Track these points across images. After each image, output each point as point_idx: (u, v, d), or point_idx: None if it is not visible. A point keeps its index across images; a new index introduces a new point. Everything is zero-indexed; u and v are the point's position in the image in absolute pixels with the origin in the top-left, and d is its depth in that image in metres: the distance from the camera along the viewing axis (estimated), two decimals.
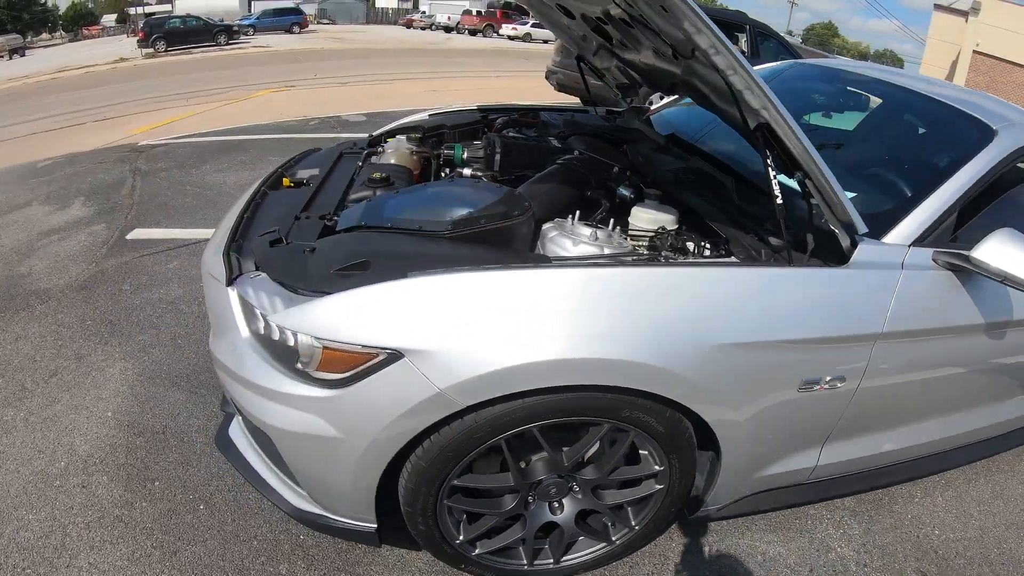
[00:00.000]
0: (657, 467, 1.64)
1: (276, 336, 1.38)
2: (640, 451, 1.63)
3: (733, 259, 1.62)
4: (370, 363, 1.28)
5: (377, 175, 1.99)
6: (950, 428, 2.04)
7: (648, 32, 1.78)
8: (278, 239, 1.62)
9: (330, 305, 1.32)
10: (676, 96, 3.15)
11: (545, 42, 31.45)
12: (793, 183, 1.94)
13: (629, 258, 1.63)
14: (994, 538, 2.14)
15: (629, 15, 1.74)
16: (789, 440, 1.74)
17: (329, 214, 1.78)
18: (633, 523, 1.76)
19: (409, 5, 49.76)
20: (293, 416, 1.38)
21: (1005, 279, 1.54)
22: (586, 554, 1.76)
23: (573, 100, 8.00)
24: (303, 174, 2.22)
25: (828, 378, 1.61)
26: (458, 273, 1.32)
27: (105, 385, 2.57)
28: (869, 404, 1.73)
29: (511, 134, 2.66)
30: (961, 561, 2.04)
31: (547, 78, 8.31)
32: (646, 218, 1.82)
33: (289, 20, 29.69)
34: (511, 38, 30.48)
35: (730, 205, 1.85)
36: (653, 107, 3.24)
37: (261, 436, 1.53)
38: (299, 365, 1.35)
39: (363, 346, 1.28)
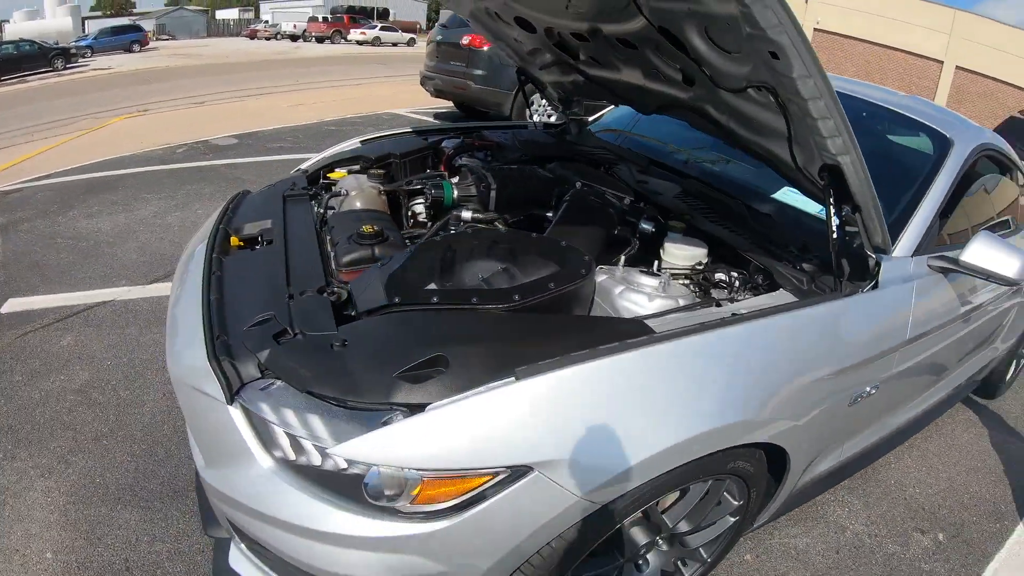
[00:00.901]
0: (736, 502, 1.66)
1: (334, 467, 1.13)
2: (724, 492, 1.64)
3: (785, 294, 1.65)
4: (489, 484, 1.10)
5: (368, 229, 1.72)
6: (925, 400, 2.32)
7: (660, 56, 1.74)
8: (282, 330, 1.29)
9: (429, 427, 1.08)
10: (611, 107, 3.21)
11: (394, 45, 31.18)
12: (799, 204, 2.03)
13: (705, 309, 1.57)
14: (961, 484, 2.49)
15: (644, 39, 1.69)
16: (831, 445, 1.85)
17: (329, 288, 1.47)
18: (706, 557, 1.77)
19: (250, 15, 48.50)
20: (374, 560, 1.13)
21: (989, 276, 1.76)
22: None
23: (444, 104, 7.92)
24: (250, 228, 1.88)
25: (868, 389, 1.74)
26: (575, 366, 1.15)
27: (31, 516, 2.05)
28: (884, 399, 1.90)
29: (468, 160, 2.53)
30: (945, 511, 2.35)
31: (422, 84, 8.02)
32: (682, 255, 1.81)
33: (128, 38, 27.24)
34: (359, 43, 30.85)
35: (749, 231, 1.89)
36: (591, 118, 3.25)
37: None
38: (383, 502, 1.11)
39: (481, 468, 1.10)
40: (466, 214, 2.01)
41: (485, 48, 7.08)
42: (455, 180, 2.20)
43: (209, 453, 1.32)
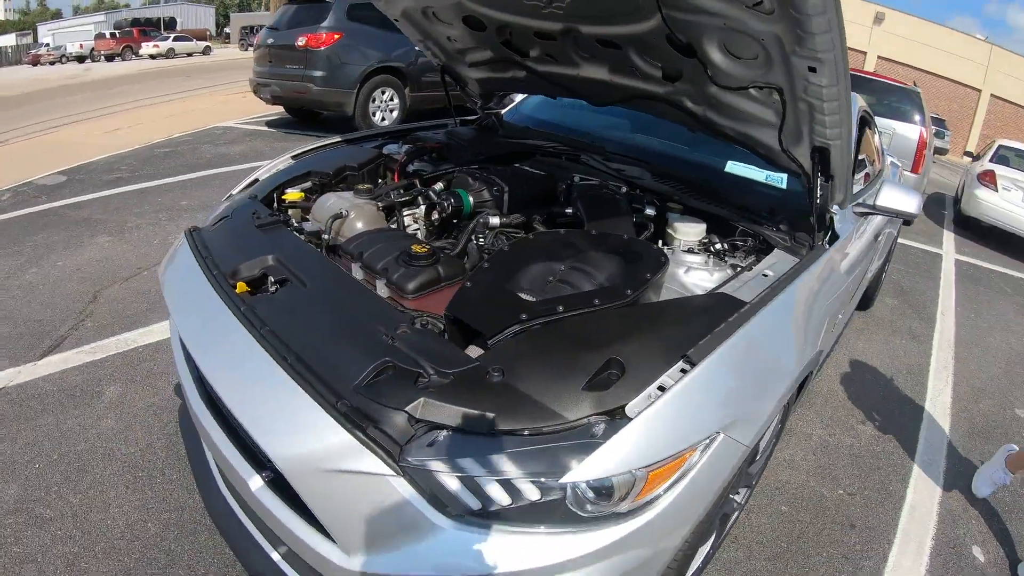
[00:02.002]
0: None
1: (536, 499, 1.09)
2: None
3: (780, 252, 1.87)
4: (691, 458, 1.20)
5: (420, 249, 1.63)
6: (848, 314, 2.84)
7: (643, 56, 1.90)
8: (416, 375, 1.18)
9: (646, 426, 1.12)
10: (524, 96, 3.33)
11: (189, 55, 28.45)
12: (753, 175, 2.36)
13: (745, 274, 1.73)
14: (872, 379, 3.14)
15: (627, 40, 1.84)
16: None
17: (421, 319, 1.42)
18: (753, 480, 2.06)
19: (28, 39, 42.42)
20: (595, 573, 1.13)
21: (898, 214, 2.24)
22: None
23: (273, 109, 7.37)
24: (248, 269, 1.65)
25: (840, 311, 2.15)
26: (730, 338, 1.29)
27: None
28: (842, 317, 2.34)
29: (420, 164, 2.51)
30: (872, 402, 2.94)
31: (256, 92, 7.34)
32: (691, 232, 1.99)
33: None
34: (153, 57, 28.24)
35: (726, 204, 2.12)
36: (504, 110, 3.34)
37: None
38: (606, 510, 1.13)
39: (687, 448, 1.18)
40: (493, 220, 1.96)
41: (323, 48, 6.75)
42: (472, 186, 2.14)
43: (358, 539, 1.12)
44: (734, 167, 2.42)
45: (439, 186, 2.22)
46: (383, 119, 7.28)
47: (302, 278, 1.55)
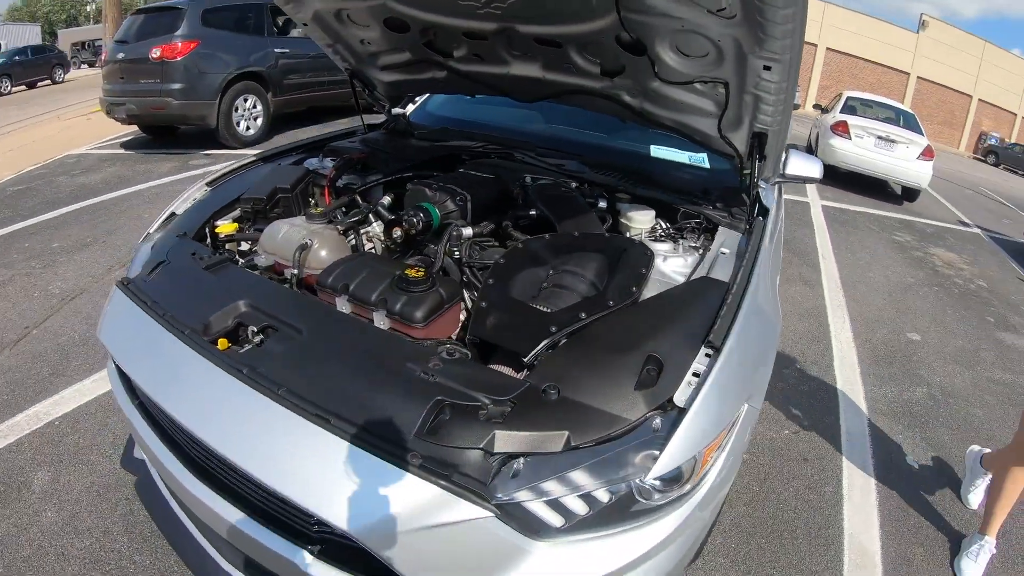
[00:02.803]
0: None
1: (608, 500, 1.14)
2: None
3: (724, 230, 1.96)
4: (733, 429, 1.31)
5: (414, 273, 1.50)
6: None
7: (583, 53, 1.94)
8: (474, 408, 1.14)
9: (699, 414, 1.18)
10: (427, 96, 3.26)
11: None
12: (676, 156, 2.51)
13: (708, 254, 1.82)
14: (792, 326, 3.45)
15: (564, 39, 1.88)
16: None
17: (446, 347, 1.35)
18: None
19: None
20: (674, 549, 1.24)
21: (806, 180, 2.51)
22: None
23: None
24: (219, 321, 1.46)
25: (777, 278, 2.36)
26: (741, 319, 1.38)
27: None
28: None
29: (348, 178, 2.39)
30: (798, 359, 3.25)
31: (108, 113, 6.51)
32: (644, 219, 2.03)
33: None
34: None
35: (663, 187, 2.21)
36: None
37: None
38: (672, 495, 1.20)
39: (729, 420, 1.28)
40: (466, 230, 1.87)
41: (179, 59, 6.19)
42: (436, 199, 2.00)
43: None
44: (659, 151, 2.56)
45: (386, 200, 2.11)
46: (248, 128, 6.88)
47: (291, 324, 1.40)
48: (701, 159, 2.45)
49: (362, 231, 2.05)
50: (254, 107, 6.91)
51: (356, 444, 1.10)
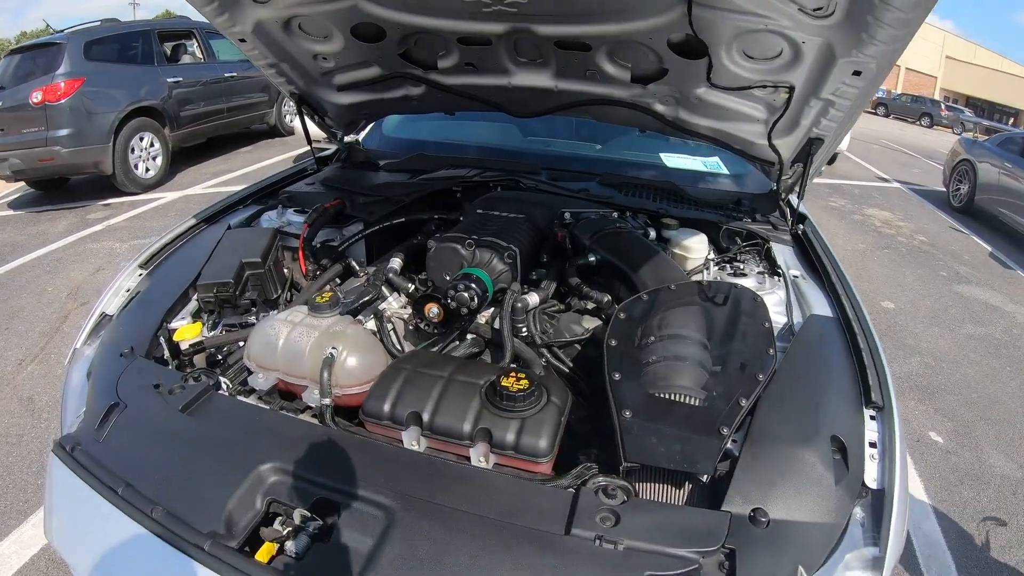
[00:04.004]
0: None
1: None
2: None
3: (778, 245, 1.77)
4: None
5: (514, 383, 1.13)
6: None
7: (613, 58, 1.67)
8: (698, 567, 0.90)
9: (900, 490, 1.05)
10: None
11: None
12: (696, 165, 2.32)
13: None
14: None
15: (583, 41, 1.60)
16: None
17: (608, 491, 0.99)
18: None
19: None
20: None
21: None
22: None
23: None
24: (244, 509, 0.99)
25: None
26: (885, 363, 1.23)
27: None
28: None
29: (329, 233, 2.00)
30: None
31: None
32: (699, 247, 1.76)
33: None
34: None
35: (699, 203, 1.96)
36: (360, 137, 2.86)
37: None
38: None
39: None
40: (532, 298, 1.45)
41: (64, 100, 5.46)
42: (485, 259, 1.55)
43: None
44: (670, 159, 2.31)
45: (396, 264, 1.65)
46: (147, 170, 6.17)
47: (359, 491, 0.97)
48: (716, 164, 2.25)
49: (381, 310, 1.58)
50: (151, 145, 6.20)
51: None
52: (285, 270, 1.78)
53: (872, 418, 1.10)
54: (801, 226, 1.79)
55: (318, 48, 1.88)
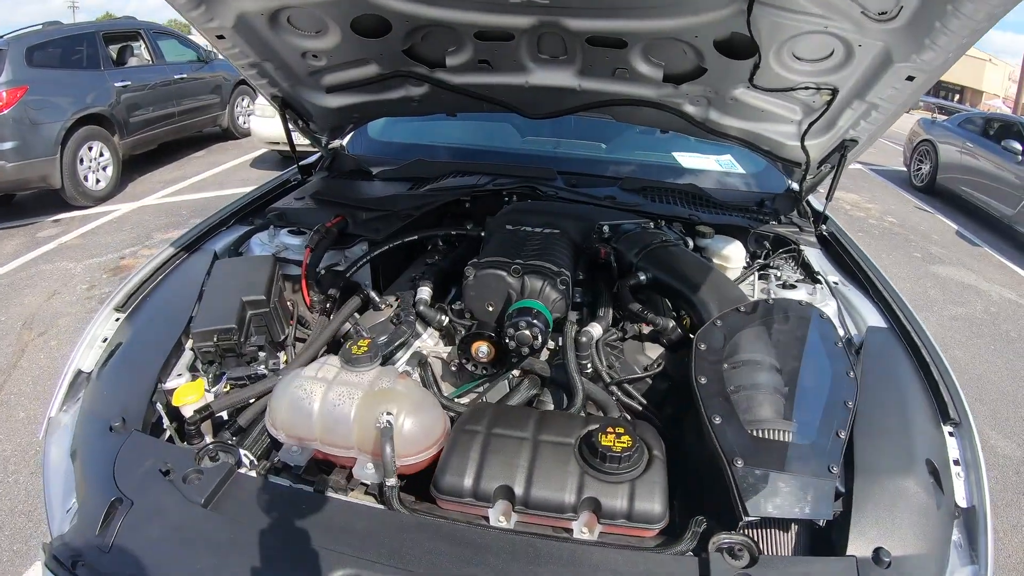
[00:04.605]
0: None
1: None
2: None
3: (811, 248, 1.71)
4: None
5: (614, 440, 1.01)
6: None
7: (647, 56, 1.56)
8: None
9: (988, 506, 1.05)
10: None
11: None
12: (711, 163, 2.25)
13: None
14: None
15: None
16: None
17: (735, 550, 0.90)
18: None
19: None
20: None
21: None
22: None
23: None
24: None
25: None
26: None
27: None
28: None
29: (333, 260, 1.77)
30: None
31: None
32: (737, 255, 1.66)
33: None
34: None
35: (725, 208, 1.89)
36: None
37: None
38: None
39: None
40: (595, 329, 1.31)
41: (6, 111, 5.08)
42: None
43: None
44: (684, 158, 2.22)
45: (425, 294, 1.46)
46: (98, 181, 5.80)
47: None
48: (730, 163, 2.18)
49: (417, 349, 1.40)
50: (101, 155, 5.82)
51: None
52: (288, 303, 1.57)
53: (951, 435, 1.07)
54: (823, 227, 1.75)
55: (309, 44, 1.69)
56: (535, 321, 1.23)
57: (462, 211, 1.84)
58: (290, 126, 2.01)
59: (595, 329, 1.30)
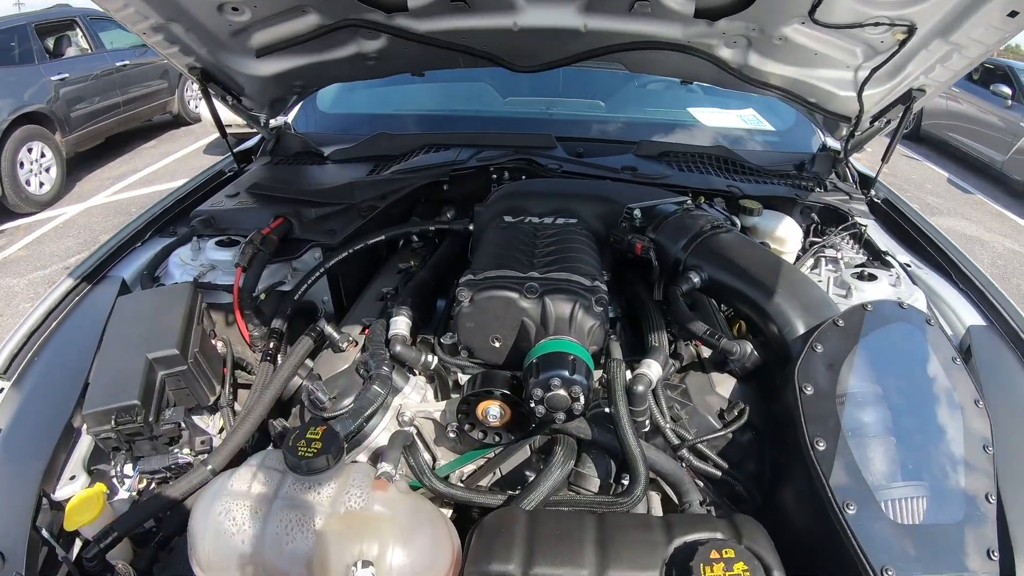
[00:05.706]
0: None
1: None
2: None
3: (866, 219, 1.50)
4: None
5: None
6: None
7: None
8: None
9: None
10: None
11: None
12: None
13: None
14: None
15: None
16: None
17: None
18: None
19: None
20: None
21: None
22: None
23: None
24: None
25: None
26: None
27: None
28: None
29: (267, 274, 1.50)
30: None
31: None
32: (793, 236, 1.41)
33: None
34: None
35: (762, 174, 1.65)
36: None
37: None
38: None
39: None
40: (650, 371, 0.96)
41: None
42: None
43: None
44: (701, 115, 1.92)
45: (402, 329, 1.07)
46: (41, 185, 5.42)
47: None
48: (754, 118, 1.89)
49: (404, 418, 1.02)
50: (42, 156, 5.46)
51: None
52: (219, 345, 1.19)
53: None
54: (872, 192, 1.52)
55: None
56: (574, 376, 0.87)
57: (440, 196, 1.51)
58: (216, 104, 1.62)
59: (652, 369, 0.95)
